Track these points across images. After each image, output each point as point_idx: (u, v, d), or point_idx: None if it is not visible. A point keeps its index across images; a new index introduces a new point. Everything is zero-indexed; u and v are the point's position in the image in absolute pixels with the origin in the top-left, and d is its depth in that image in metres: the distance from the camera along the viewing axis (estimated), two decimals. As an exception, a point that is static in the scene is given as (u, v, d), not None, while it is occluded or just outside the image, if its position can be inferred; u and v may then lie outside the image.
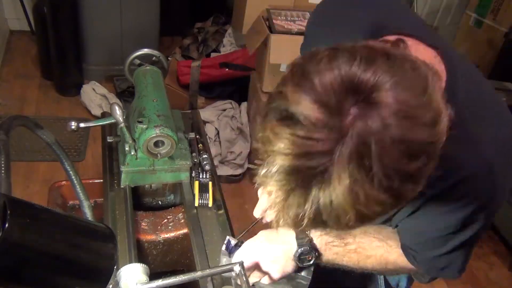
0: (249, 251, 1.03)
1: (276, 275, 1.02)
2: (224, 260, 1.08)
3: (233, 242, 1.06)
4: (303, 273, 1.04)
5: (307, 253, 1.00)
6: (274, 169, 0.58)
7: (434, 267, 0.96)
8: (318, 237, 1.01)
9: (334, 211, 0.57)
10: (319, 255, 1.01)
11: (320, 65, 0.56)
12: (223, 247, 1.07)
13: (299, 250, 1.00)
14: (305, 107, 0.55)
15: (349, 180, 0.54)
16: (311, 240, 1.01)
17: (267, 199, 1.16)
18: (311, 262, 1.00)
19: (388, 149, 0.53)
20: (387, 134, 0.53)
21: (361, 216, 0.58)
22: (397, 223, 0.94)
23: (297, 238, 1.01)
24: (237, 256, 1.03)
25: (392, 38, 0.71)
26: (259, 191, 1.16)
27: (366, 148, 0.53)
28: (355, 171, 0.54)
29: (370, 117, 0.53)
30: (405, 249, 0.98)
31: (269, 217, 1.15)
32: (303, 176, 0.56)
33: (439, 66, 0.74)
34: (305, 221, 0.60)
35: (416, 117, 0.55)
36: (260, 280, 1.04)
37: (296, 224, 0.62)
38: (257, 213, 1.13)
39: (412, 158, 0.55)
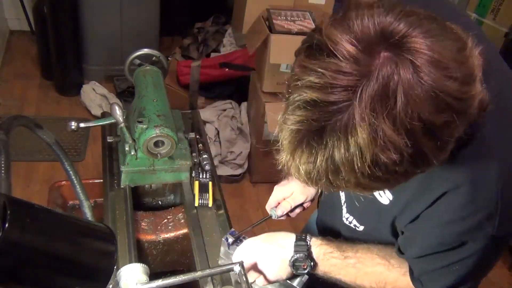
0: (248, 250, 1.03)
1: (270, 276, 1.02)
2: (222, 250, 1.11)
3: (238, 235, 1.09)
4: (295, 283, 1.04)
5: (302, 261, 0.98)
6: (295, 105, 0.59)
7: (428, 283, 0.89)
8: (318, 246, 1.00)
9: (349, 156, 0.57)
10: (314, 265, 0.99)
11: (359, 11, 0.59)
12: (224, 238, 1.10)
13: (294, 256, 0.98)
14: (338, 41, 0.57)
15: (369, 118, 0.54)
16: (309, 248, 0.99)
17: (280, 191, 1.17)
18: (306, 270, 0.98)
19: (414, 94, 0.54)
20: (416, 78, 0.54)
21: (376, 161, 0.57)
22: (401, 228, 0.89)
23: (295, 244, 0.99)
24: (237, 253, 1.04)
25: None
26: (275, 188, 1.19)
27: (390, 90, 0.54)
28: (376, 110, 0.54)
29: (401, 62, 0.55)
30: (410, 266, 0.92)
31: (280, 210, 1.17)
32: (321, 114, 0.57)
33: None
34: (315, 173, 0.61)
35: (448, 68, 0.55)
36: (255, 280, 1.04)
37: (307, 177, 0.63)
38: (269, 205, 1.18)
39: (438, 109, 0.55)
